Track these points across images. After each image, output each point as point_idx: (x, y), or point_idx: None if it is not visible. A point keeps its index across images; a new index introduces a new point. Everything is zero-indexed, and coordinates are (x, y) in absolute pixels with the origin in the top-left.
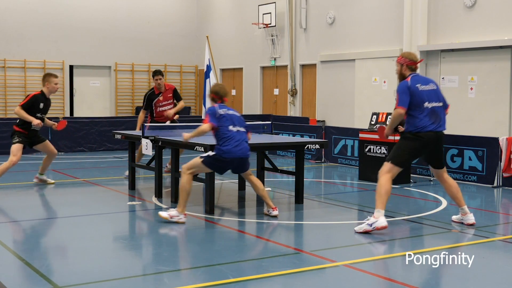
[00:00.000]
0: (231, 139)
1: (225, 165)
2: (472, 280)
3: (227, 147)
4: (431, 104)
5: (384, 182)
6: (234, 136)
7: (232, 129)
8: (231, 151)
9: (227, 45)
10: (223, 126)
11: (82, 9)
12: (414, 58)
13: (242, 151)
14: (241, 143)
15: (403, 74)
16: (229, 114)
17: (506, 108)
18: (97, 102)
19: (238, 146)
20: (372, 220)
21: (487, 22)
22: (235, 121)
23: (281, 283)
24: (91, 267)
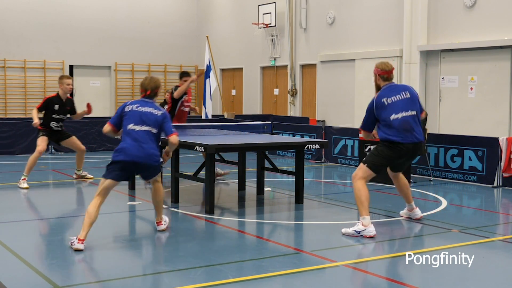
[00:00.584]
0: (124, 141)
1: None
2: (472, 280)
3: (117, 151)
4: (399, 115)
5: (361, 187)
6: (130, 135)
7: (133, 128)
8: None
9: (227, 45)
10: (124, 125)
11: (82, 9)
12: (385, 67)
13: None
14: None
15: (378, 84)
16: (136, 111)
17: (506, 108)
18: (97, 102)
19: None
20: (360, 228)
21: (487, 22)
22: (141, 118)
23: (281, 283)
24: (91, 267)
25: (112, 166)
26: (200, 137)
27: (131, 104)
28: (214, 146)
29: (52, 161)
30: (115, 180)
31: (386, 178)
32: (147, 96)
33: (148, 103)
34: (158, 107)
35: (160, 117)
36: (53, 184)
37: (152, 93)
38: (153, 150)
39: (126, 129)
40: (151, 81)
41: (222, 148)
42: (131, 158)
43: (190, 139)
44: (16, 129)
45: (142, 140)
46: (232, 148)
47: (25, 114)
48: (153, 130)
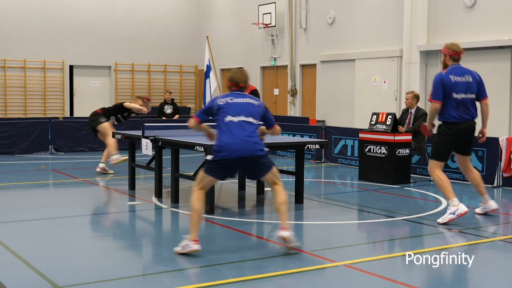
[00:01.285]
0: (225, 133)
1: (222, 168)
2: (472, 280)
3: (218, 143)
4: (460, 95)
5: (440, 176)
6: (231, 128)
7: (231, 119)
8: (223, 148)
9: (227, 45)
10: (219, 120)
11: (82, 9)
12: (457, 48)
13: (240, 147)
14: (240, 138)
15: (446, 64)
16: (232, 103)
17: (506, 108)
18: (97, 102)
19: (235, 141)
20: (453, 209)
21: (487, 22)
22: (240, 110)
23: (281, 283)
24: (91, 267)
25: (214, 164)
26: (200, 137)
27: (224, 98)
28: None
29: (52, 161)
30: (218, 179)
31: (386, 178)
32: (240, 88)
33: (242, 94)
34: (254, 97)
35: (261, 108)
36: (53, 184)
37: (245, 86)
38: (258, 140)
39: (224, 122)
40: (242, 74)
41: None
42: (236, 155)
43: (190, 139)
44: (16, 129)
45: (246, 131)
46: None
47: (25, 114)
48: (254, 120)
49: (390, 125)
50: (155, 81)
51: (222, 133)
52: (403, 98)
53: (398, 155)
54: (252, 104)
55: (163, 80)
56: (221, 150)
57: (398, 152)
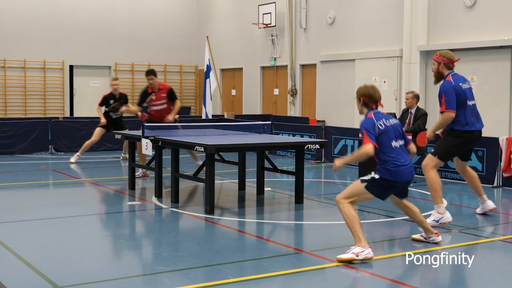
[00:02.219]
0: (397, 158)
1: (392, 189)
2: (472, 280)
3: (396, 168)
4: (471, 102)
5: (434, 177)
6: (398, 153)
7: (395, 145)
8: (400, 173)
9: (227, 45)
10: (385, 143)
11: (82, 9)
12: (452, 57)
13: (410, 171)
14: (408, 162)
15: (440, 72)
16: (389, 126)
17: (506, 108)
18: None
19: (406, 166)
20: (438, 216)
21: (487, 22)
22: (396, 133)
23: (281, 283)
24: (91, 267)
25: (384, 184)
26: (200, 137)
27: (379, 119)
28: (214, 146)
29: (52, 161)
30: (382, 199)
31: None
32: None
33: (385, 114)
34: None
35: (401, 127)
36: (53, 184)
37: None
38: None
39: (391, 146)
40: (376, 90)
41: (222, 148)
42: (406, 179)
43: (190, 139)
44: (16, 129)
45: (406, 156)
46: (232, 148)
47: (25, 114)
48: (402, 142)
49: None
50: None
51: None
52: (403, 98)
53: None
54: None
55: (163, 80)
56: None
57: None
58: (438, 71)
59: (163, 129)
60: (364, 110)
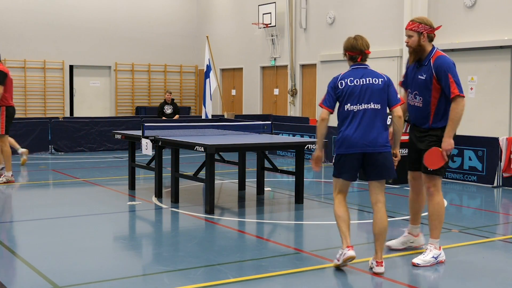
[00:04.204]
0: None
1: (346, 165)
2: (472, 280)
3: (340, 135)
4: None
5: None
6: (352, 118)
7: (352, 108)
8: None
9: (227, 45)
10: (342, 107)
11: (82, 9)
12: (432, 24)
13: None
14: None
15: (422, 46)
16: (356, 85)
17: (506, 108)
18: (97, 102)
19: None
20: (436, 252)
21: (487, 22)
22: (364, 94)
23: (281, 283)
24: (91, 267)
25: (338, 163)
26: (200, 137)
27: (343, 79)
28: (214, 146)
29: (52, 161)
30: (347, 180)
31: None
32: (362, 58)
33: (364, 69)
34: (376, 72)
35: (382, 85)
36: (53, 184)
37: (366, 55)
38: (381, 134)
39: (344, 111)
40: (363, 40)
41: (222, 148)
42: (355, 150)
43: (190, 139)
44: (16, 129)
45: (367, 123)
46: (232, 148)
47: (25, 114)
48: (377, 106)
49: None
50: (155, 81)
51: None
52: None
53: None
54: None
55: (163, 80)
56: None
57: None
58: (419, 44)
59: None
60: (349, 65)
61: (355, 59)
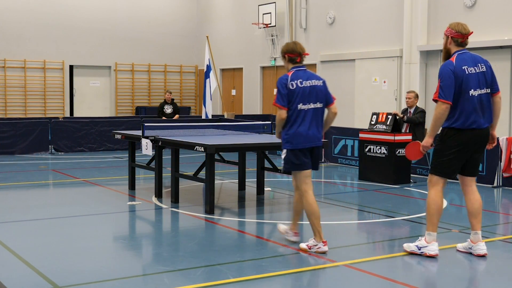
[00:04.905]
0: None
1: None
2: (472, 280)
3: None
4: (477, 91)
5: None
6: (302, 117)
7: (302, 108)
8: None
9: (227, 45)
10: (294, 106)
11: (82, 9)
12: (462, 29)
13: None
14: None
15: (448, 49)
16: (305, 87)
17: (506, 108)
18: (97, 102)
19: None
20: (422, 243)
21: (487, 22)
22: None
23: (281, 283)
24: (91, 267)
25: (294, 158)
26: (200, 137)
27: (293, 80)
28: (214, 146)
29: (52, 161)
30: (308, 169)
31: (386, 178)
32: (301, 60)
33: (306, 71)
34: (316, 74)
35: (323, 86)
36: (53, 184)
37: (304, 56)
38: (321, 129)
39: (297, 110)
40: (300, 44)
41: (222, 148)
42: (310, 145)
43: (190, 139)
44: (16, 129)
45: (315, 120)
46: (232, 148)
47: (25, 114)
48: (321, 105)
49: (390, 125)
50: (155, 81)
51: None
52: (403, 98)
53: (398, 155)
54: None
55: (163, 80)
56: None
57: (398, 152)
58: (445, 47)
59: (163, 129)
60: (289, 66)
61: (294, 61)
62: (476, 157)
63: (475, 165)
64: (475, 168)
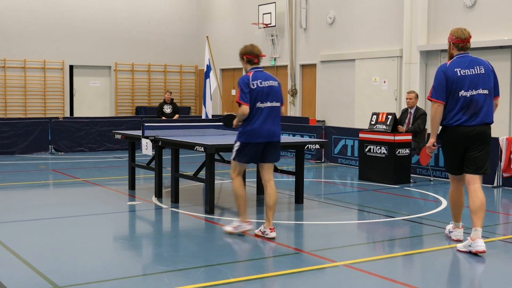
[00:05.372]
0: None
1: (250, 152)
2: (472, 280)
3: (248, 127)
4: (469, 92)
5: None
6: (260, 114)
7: (260, 106)
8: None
9: (227, 45)
10: (253, 104)
11: (82, 9)
12: (461, 35)
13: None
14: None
15: (451, 54)
16: (264, 87)
17: (506, 108)
18: (97, 102)
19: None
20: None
21: (487, 22)
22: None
23: (281, 283)
24: (91, 267)
25: (243, 150)
26: (200, 137)
27: (254, 80)
28: (214, 146)
29: (52, 161)
30: (247, 163)
31: (386, 178)
32: (258, 61)
33: (264, 72)
34: (273, 76)
35: (279, 87)
36: (53, 184)
37: (261, 58)
38: (279, 126)
39: (255, 107)
40: (257, 46)
41: (222, 148)
42: (263, 140)
43: (190, 139)
44: (16, 129)
45: (271, 118)
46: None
47: (25, 114)
48: (277, 104)
49: (390, 125)
50: (155, 81)
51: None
52: (403, 98)
53: (398, 155)
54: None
55: (163, 80)
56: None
57: (398, 152)
58: (449, 52)
59: (163, 129)
60: (247, 67)
61: (252, 62)
62: (473, 155)
63: (472, 162)
64: (474, 166)
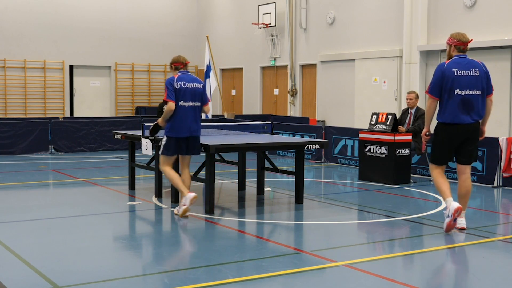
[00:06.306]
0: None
1: (175, 145)
2: (472, 280)
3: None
4: (463, 91)
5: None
6: (183, 111)
7: (183, 104)
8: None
9: (227, 45)
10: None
11: (82, 9)
12: (462, 38)
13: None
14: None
15: (451, 56)
16: (187, 88)
17: (506, 108)
18: (97, 102)
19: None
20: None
21: (487, 22)
22: (192, 95)
23: (281, 283)
24: (91, 267)
25: (169, 144)
26: (200, 137)
27: (179, 81)
28: (214, 146)
29: (52, 161)
30: (174, 155)
31: (386, 178)
32: (184, 67)
33: (190, 75)
34: (198, 78)
35: (202, 89)
36: (53, 184)
37: (187, 65)
38: (198, 122)
39: (179, 105)
40: (181, 56)
41: (222, 148)
42: (185, 134)
43: None
44: (16, 129)
45: (192, 115)
46: (232, 148)
47: (25, 114)
48: (198, 103)
49: (390, 125)
50: (155, 81)
51: None
52: (403, 98)
53: (398, 155)
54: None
55: (163, 80)
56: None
57: (398, 152)
58: (448, 54)
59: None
60: (175, 73)
61: (178, 68)
62: (467, 148)
63: (467, 155)
64: (468, 158)
